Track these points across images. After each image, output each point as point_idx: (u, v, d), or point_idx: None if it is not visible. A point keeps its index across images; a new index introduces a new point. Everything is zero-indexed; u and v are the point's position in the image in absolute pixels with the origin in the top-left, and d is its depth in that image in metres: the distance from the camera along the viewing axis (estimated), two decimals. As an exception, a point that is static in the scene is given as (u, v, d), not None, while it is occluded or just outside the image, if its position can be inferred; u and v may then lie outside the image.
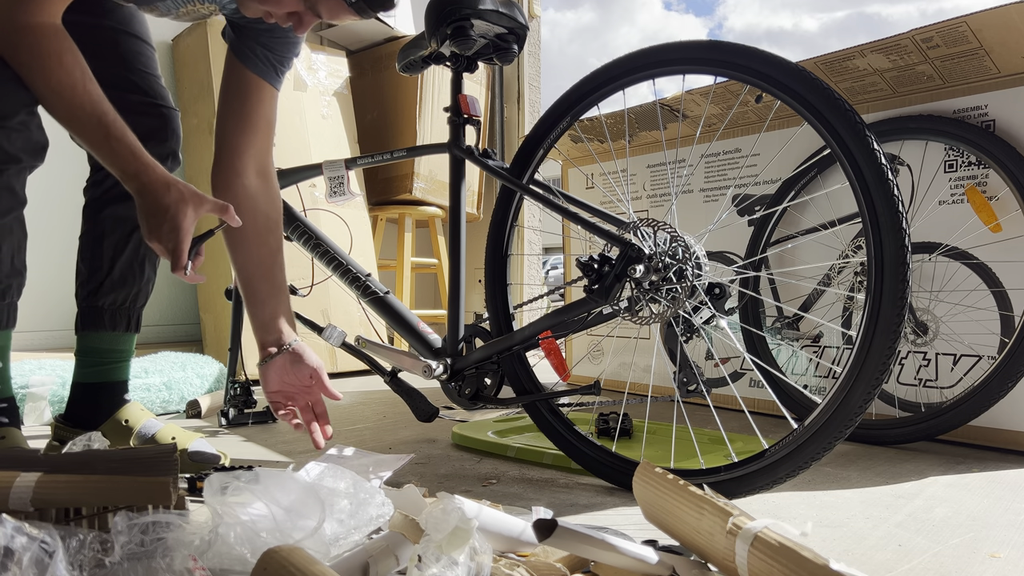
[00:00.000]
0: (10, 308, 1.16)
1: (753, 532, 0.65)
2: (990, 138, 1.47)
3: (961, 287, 1.56)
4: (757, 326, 1.85)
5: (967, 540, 0.95)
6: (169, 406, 1.95)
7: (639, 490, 0.80)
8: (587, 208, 1.32)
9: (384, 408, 2.01)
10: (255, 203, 1.26)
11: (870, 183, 1.00)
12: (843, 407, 1.01)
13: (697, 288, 1.12)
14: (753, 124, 1.97)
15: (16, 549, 0.57)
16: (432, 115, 3.13)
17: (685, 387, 1.16)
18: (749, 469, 1.07)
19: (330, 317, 2.71)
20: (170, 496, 0.73)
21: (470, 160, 1.36)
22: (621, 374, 2.31)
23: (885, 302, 0.99)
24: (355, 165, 1.54)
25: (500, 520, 0.74)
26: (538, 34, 3.80)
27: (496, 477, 1.27)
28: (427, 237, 3.71)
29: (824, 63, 1.66)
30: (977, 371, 1.52)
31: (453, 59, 1.37)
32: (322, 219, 2.46)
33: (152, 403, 1.91)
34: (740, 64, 1.09)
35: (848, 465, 1.37)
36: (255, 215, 1.25)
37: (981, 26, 1.42)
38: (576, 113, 1.30)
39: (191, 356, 2.23)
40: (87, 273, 1.34)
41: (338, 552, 0.76)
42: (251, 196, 1.26)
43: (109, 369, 1.35)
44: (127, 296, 1.35)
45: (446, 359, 1.37)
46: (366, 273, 1.56)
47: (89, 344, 1.35)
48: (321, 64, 2.97)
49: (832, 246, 1.76)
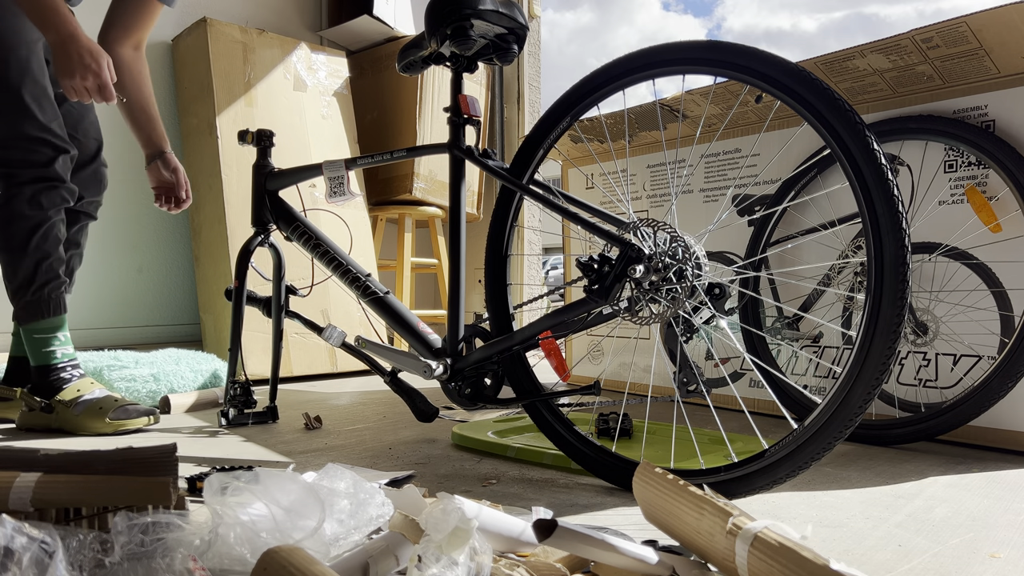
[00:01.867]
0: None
1: (753, 532, 0.65)
2: (990, 138, 1.47)
3: (961, 287, 1.56)
4: (757, 326, 1.85)
5: (967, 540, 0.95)
6: (156, 396, 1.98)
7: (639, 490, 0.80)
8: (587, 208, 1.32)
9: (384, 408, 2.01)
10: (132, 65, 1.73)
11: (870, 183, 1.00)
12: (843, 407, 1.01)
13: (697, 288, 1.13)
14: (753, 124, 1.97)
15: (16, 549, 0.57)
16: (432, 115, 3.13)
17: (685, 387, 1.16)
18: (749, 469, 1.07)
19: (330, 317, 2.71)
20: (170, 496, 0.73)
21: (470, 160, 1.36)
22: (621, 374, 2.31)
23: (885, 302, 0.99)
24: (355, 165, 1.54)
25: (500, 520, 0.74)
26: (538, 34, 3.80)
27: (496, 477, 1.27)
28: (427, 237, 3.71)
29: (824, 63, 1.66)
30: (977, 371, 1.52)
31: (453, 59, 1.37)
32: (322, 219, 2.46)
33: (138, 394, 1.95)
34: (740, 64, 1.09)
35: (848, 465, 1.37)
36: (132, 74, 1.72)
37: (981, 26, 1.42)
38: (576, 113, 1.30)
39: (190, 352, 2.24)
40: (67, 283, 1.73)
41: (338, 552, 0.76)
42: (129, 61, 1.72)
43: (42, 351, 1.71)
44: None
45: (446, 359, 1.37)
46: (366, 273, 1.56)
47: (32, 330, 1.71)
48: (321, 64, 2.97)
49: (832, 246, 1.76)
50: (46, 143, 1.57)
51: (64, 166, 1.61)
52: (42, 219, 1.59)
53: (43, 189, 1.59)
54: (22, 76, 1.53)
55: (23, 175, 1.56)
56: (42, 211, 1.59)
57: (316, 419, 1.75)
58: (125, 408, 1.65)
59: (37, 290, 1.62)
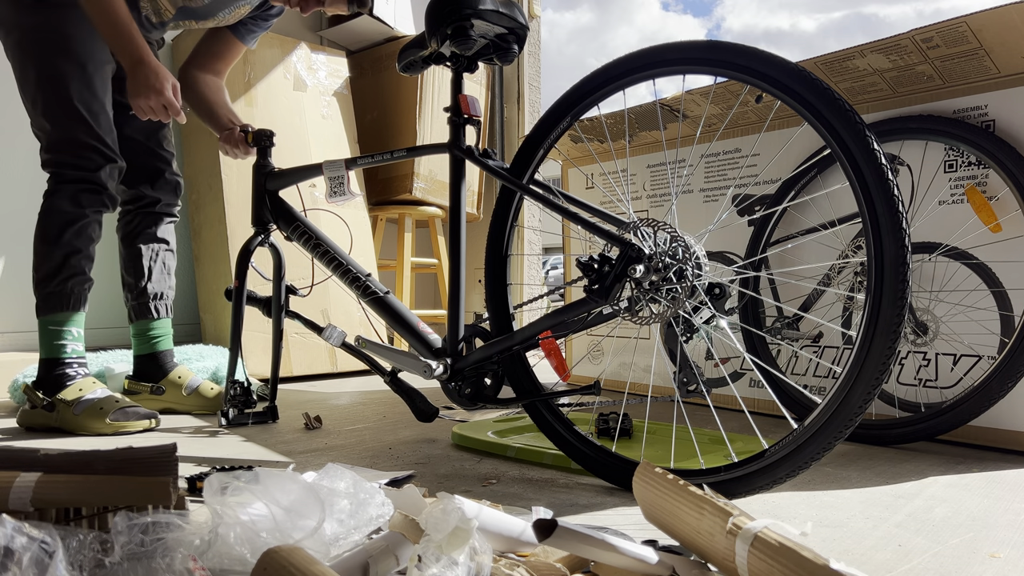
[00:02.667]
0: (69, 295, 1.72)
1: (753, 532, 0.65)
2: (990, 138, 1.47)
3: (961, 287, 1.56)
4: (757, 326, 1.85)
5: (967, 540, 0.95)
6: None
7: (639, 490, 0.80)
8: (587, 208, 1.32)
9: (384, 408, 2.01)
10: (210, 84, 1.92)
11: (870, 183, 1.00)
12: (843, 407, 1.01)
13: (697, 288, 1.13)
14: (753, 124, 1.97)
15: (16, 549, 0.57)
16: (432, 115, 3.13)
17: (685, 387, 1.16)
18: (749, 469, 1.07)
19: (330, 317, 2.71)
20: (170, 496, 0.73)
21: (470, 160, 1.36)
22: (621, 374, 2.31)
23: (885, 302, 0.99)
24: (355, 165, 1.54)
25: (500, 520, 0.74)
26: (538, 34, 3.80)
27: (496, 477, 1.27)
28: (427, 237, 3.71)
29: (824, 63, 1.66)
30: (977, 371, 1.52)
31: (453, 59, 1.37)
32: (322, 219, 2.46)
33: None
34: (740, 64, 1.09)
35: (848, 465, 1.37)
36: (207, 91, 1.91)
37: (981, 26, 1.42)
38: (576, 113, 1.30)
39: (196, 347, 2.29)
40: (133, 281, 1.93)
41: (338, 552, 0.76)
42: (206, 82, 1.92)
43: (158, 343, 1.95)
44: (161, 292, 1.96)
45: (446, 359, 1.37)
46: (366, 273, 1.56)
47: (140, 328, 1.95)
48: (321, 64, 2.97)
49: (832, 246, 1.76)
50: (95, 151, 1.68)
51: (109, 175, 1.72)
52: (79, 216, 1.69)
53: (85, 190, 1.69)
54: (82, 90, 1.66)
55: (69, 175, 1.68)
56: (80, 209, 1.69)
57: (316, 419, 1.75)
58: (125, 411, 1.66)
59: (61, 282, 1.68)
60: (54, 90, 1.64)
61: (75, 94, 1.65)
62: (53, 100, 1.64)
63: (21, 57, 1.65)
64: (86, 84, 1.67)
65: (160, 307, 1.95)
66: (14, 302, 2.51)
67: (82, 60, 1.66)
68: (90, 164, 1.68)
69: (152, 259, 1.94)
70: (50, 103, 1.64)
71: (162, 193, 1.94)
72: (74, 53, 1.65)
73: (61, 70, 1.64)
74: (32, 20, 1.63)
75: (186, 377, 1.94)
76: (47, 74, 1.64)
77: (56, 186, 1.69)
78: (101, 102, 1.70)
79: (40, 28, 1.63)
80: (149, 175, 1.90)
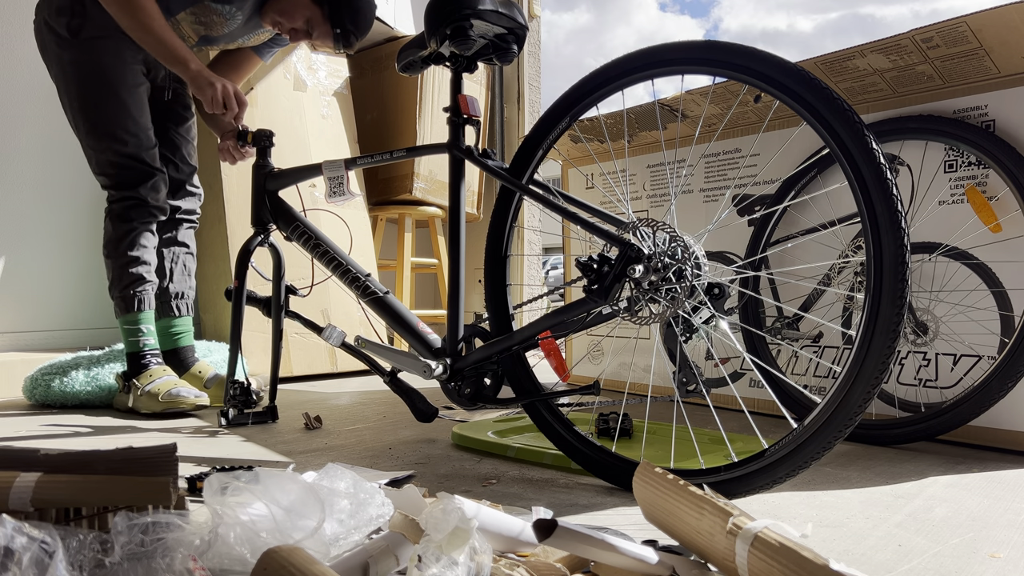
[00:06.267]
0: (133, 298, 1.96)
1: (753, 532, 0.65)
2: (990, 138, 1.47)
3: (961, 287, 1.56)
4: (757, 326, 1.85)
5: (967, 540, 0.95)
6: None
7: (639, 490, 0.80)
8: (586, 208, 1.32)
9: (384, 408, 2.01)
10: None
11: (869, 183, 1.00)
12: (843, 407, 1.01)
13: (696, 288, 1.13)
14: (753, 124, 1.97)
15: (16, 549, 0.57)
16: (432, 115, 3.13)
17: (685, 387, 1.16)
18: (749, 469, 1.07)
19: (330, 317, 2.71)
20: (170, 496, 0.73)
21: (470, 160, 1.36)
22: (621, 374, 2.31)
23: (885, 302, 0.99)
24: (355, 165, 1.54)
25: (500, 520, 0.74)
26: (538, 34, 3.80)
27: (496, 477, 1.27)
28: (427, 237, 3.71)
29: (824, 63, 1.66)
30: (977, 371, 1.52)
31: (453, 59, 1.37)
32: (322, 219, 2.46)
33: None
34: (739, 64, 1.09)
35: (848, 465, 1.37)
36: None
37: (981, 26, 1.42)
38: (575, 114, 1.30)
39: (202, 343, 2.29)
40: (156, 282, 2.04)
41: (338, 552, 0.76)
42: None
43: (180, 339, 2.11)
44: (182, 292, 2.11)
45: (446, 359, 1.37)
46: (366, 273, 1.56)
47: (163, 326, 2.09)
48: (321, 64, 2.97)
49: (832, 246, 1.76)
50: (131, 169, 1.90)
51: (151, 187, 1.93)
52: (128, 230, 1.92)
53: (131, 206, 1.92)
54: (117, 112, 1.87)
55: (114, 194, 1.93)
56: (129, 223, 1.92)
57: (316, 419, 1.75)
58: (172, 392, 1.88)
59: (124, 289, 1.94)
60: (92, 114, 1.86)
61: (110, 117, 1.86)
62: (91, 124, 1.87)
63: (64, 85, 1.88)
64: (120, 107, 1.87)
65: (181, 306, 2.11)
66: (14, 302, 2.51)
67: (115, 86, 1.86)
68: (130, 181, 1.91)
69: (173, 261, 2.11)
70: (88, 126, 1.87)
71: (184, 202, 2.12)
72: (107, 80, 1.85)
73: (96, 96, 1.85)
74: (70, 53, 1.84)
75: (206, 371, 2.07)
76: (83, 100, 1.86)
77: (109, 204, 1.94)
78: (136, 120, 1.90)
79: (76, 60, 1.84)
80: (174, 187, 2.09)
